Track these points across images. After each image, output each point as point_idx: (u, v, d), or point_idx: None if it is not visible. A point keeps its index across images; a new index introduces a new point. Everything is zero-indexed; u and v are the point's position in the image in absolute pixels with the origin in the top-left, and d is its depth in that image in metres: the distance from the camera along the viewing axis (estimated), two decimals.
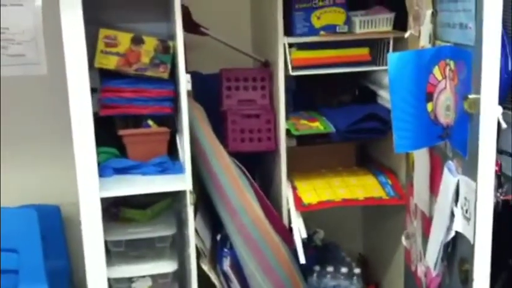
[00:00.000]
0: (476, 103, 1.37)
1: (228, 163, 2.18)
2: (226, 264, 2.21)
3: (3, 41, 2.39)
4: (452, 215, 1.56)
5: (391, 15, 2.20)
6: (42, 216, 2.32)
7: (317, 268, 2.55)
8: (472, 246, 1.44)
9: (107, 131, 2.17)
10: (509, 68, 1.80)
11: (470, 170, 1.44)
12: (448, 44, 1.56)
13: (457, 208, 1.53)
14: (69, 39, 1.85)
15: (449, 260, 1.64)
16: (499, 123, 1.38)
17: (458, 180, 1.52)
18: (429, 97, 1.59)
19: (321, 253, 2.61)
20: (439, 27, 1.65)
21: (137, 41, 2.11)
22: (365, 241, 2.89)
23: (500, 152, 1.44)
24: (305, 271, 2.37)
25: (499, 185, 1.46)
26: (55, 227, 2.47)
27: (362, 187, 2.32)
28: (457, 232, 1.55)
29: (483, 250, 1.42)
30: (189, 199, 2.07)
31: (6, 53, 2.41)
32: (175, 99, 2.16)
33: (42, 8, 2.40)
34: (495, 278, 1.54)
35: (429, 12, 1.69)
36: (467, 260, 1.48)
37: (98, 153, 2.04)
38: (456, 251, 1.58)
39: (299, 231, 2.22)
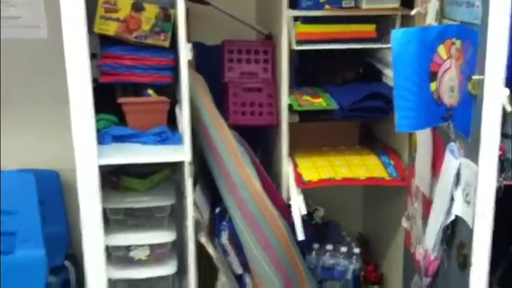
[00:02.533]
0: (480, 84, 1.33)
1: (229, 136, 2.15)
2: (224, 237, 2.20)
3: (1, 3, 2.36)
4: (452, 198, 1.52)
5: None
6: (41, 182, 2.33)
7: (316, 246, 2.53)
8: (471, 231, 1.40)
9: (107, 99, 2.14)
10: None
11: (473, 153, 1.40)
12: (455, 23, 1.50)
13: (457, 191, 1.50)
14: (68, 2, 1.80)
15: (448, 244, 1.61)
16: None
17: (460, 163, 1.48)
18: (433, 76, 1.54)
19: (320, 231, 2.59)
20: (447, 4, 1.59)
21: (138, 7, 2.06)
22: (366, 221, 2.87)
23: (505, 136, 1.39)
24: (304, 248, 2.35)
25: (501, 169, 1.41)
26: (54, 193, 2.47)
27: (364, 166, 2.29)
28: (457, 216, 1.51)
29: (482, 235, 1.38)
30: (188, 170, 2.05)
31: (3, 15, 2.36)
32: (175, 69, 2.12)
33: None
34: (495, 265, 1.50)
35: None
36: (466, 244, 1.45)
37: (97, 120, 2.02)
38: (455, 234, 1.55)
39: (298, 208, 2.19)
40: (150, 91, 2.15)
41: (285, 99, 2.18)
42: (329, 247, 2.54)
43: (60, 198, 2.51)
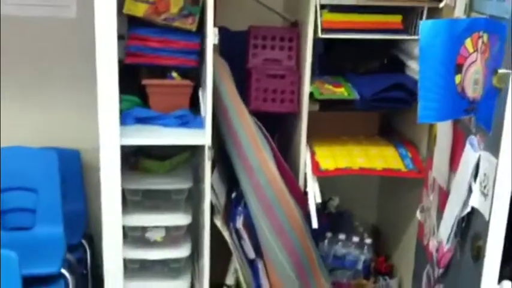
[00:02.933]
0: (505, 78, 1.34)
1: (249, 122, 2.18)
2: (239, 222, 2.23)
3: None
4: (469, 190, 1.54)
5: None
6: (62, 160, 2.36)
7: (329, 235, 2.57)
8: (487, 223, 1.43)
9: (131, 80, 2.17)
10: None
11: (493, 146, 1.42)
12: (484, 16, 1.52)
13: (475, 184, 1.52)
14: None
15: (462, 236, 1.63)
16: None
17: (479, 156, 1.50)
18: (458, 69, 1.56)
19: (334, 220, 2.63)
20: None
21: None
22: (379, 212, 2.89)
23: None
24: (317, 237, 2.38)
25: None
26: (74, 171, 2.51)
27: (381, 157, 2.31)
28: (472, 208, 1.53)
29: (498, 227, 1.41)
30: (207, 154, 2.08)
31: None
32: (200, 53, 2.15)
33: None
34: (509, 259, 1.52)
35: None
36: (481, 236, 1.47)
37: (121, 101, 2.05)
38: (470, 226, 1.57)
39: (314, 196, 2.22)
40: (174, 74, 2.19)
41: (306, 87, 2.21)
42: (341, 237, 2.57)
43: (80, 178, 2.55)
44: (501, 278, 1.49)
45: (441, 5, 1.85)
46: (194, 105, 2.23)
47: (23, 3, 2.42)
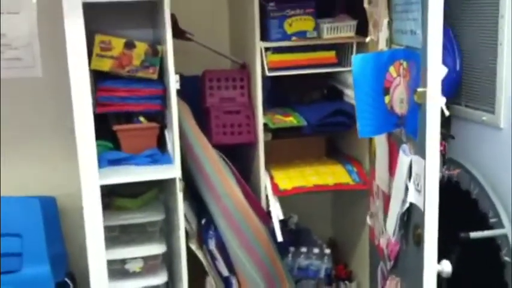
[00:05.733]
0: (423, 95, 1.67)
1: (213, 154, 2.44)
2: (212, 244, 2.47)
3: (2, 46, 2.60)
4: (406, 189, 1.83)
5: (354, 23, 2.50)
6: (41, 207, 2.53)
7: (292, 249, 2.82)
8: (423, 213, 1.72)
9: (101, 126, 2.40)
10: (457, 68, 2.13)
11: (420, 150, 1.72)
12: (401, 47, 1.86)
13: (410, 183, 1.81)
14: (72, 44, 2.07)
15: (405, 228, 1.92)
16: (443, 111, 1.68)
17: (411, 159, 1.80)
18: (386, 91, 1.88)
19: (295, 236, 2.89)
20: (394, 33, 1.94)
21: (129, 45, 2.35)
22: (334, 225, 3.18)
23: (448, 136, 1.72)
24: (281, 252, 2.63)
25: (444, 162, 1.75)
26: (52, 216, 2.67)
27: (331, 174, 2.61)
28: (411, 203, 1.84)
29: (432, 215, 1.69)
30: (179, 185, 2.32)
31: (4, 57, 2.61)
32: (163, 97, 2.41)
33: (37, 16, 2.61)
34: (448, 249, 1.81)
35: (386, 20, 1.98)
36: (420, 225, 1.76)
37: None
38: (411, 219, 1.86)
39: (277, 214, 2.48)
40: (141, 118, 2.43)
41: (260, 119, 2.50)
42: (303, 249, 2.83)
43: (58, 222, 2.71)
44: (440, 259, 1.78)
45: (367, 40, 2.18)
46: (161, 144, 2.48)
47: None
